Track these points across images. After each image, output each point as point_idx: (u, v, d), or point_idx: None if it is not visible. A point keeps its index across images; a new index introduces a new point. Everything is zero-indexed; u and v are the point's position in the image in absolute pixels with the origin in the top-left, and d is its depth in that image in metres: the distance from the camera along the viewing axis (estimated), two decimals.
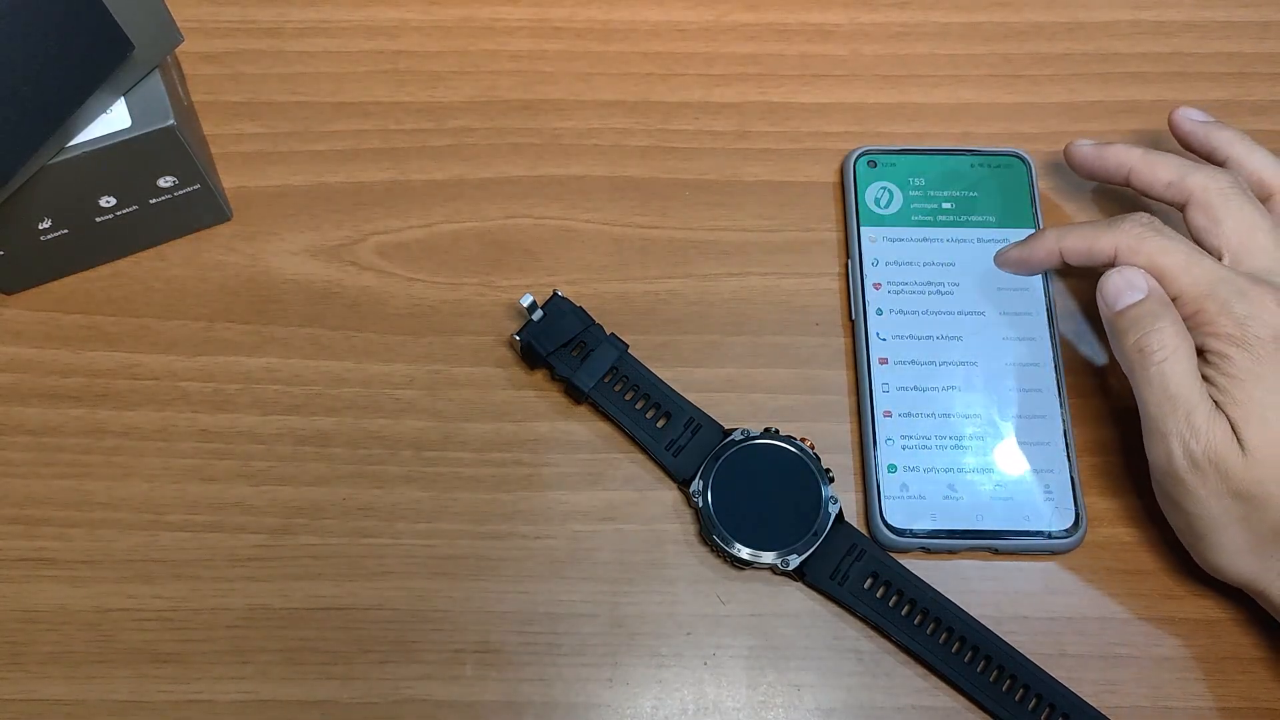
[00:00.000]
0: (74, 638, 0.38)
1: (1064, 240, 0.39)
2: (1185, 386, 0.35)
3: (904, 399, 0.41)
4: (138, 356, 0.42)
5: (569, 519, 0.40)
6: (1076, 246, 0.39)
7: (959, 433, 0.40)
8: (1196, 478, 0.35)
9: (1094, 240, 0.38)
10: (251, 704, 0.37)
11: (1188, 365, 0.35)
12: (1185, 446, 0.35)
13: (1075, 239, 0.39)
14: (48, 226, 0.40)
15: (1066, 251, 0.39)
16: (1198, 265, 0.36)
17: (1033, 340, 0.42)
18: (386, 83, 0.47)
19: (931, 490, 0.39)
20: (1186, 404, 0.35)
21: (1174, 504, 0.36)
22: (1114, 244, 0.37)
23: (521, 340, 0.41)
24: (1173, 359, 0.35)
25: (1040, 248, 0.40)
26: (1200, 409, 0.35)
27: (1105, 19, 0.50)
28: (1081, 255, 0.39)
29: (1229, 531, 0.35)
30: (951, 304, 0.42)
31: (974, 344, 0.42)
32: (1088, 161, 0.42)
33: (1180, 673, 0.38)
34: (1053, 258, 0.40)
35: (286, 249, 0.44)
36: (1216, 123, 0.41)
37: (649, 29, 0.49)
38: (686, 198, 0.45)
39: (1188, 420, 0.35)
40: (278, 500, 0.40)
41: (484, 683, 0.37)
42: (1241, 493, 0.34)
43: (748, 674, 0.38)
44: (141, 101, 0.38)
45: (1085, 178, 0.43)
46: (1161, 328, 0.36)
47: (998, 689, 0.37)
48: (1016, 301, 0.42)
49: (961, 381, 0.41)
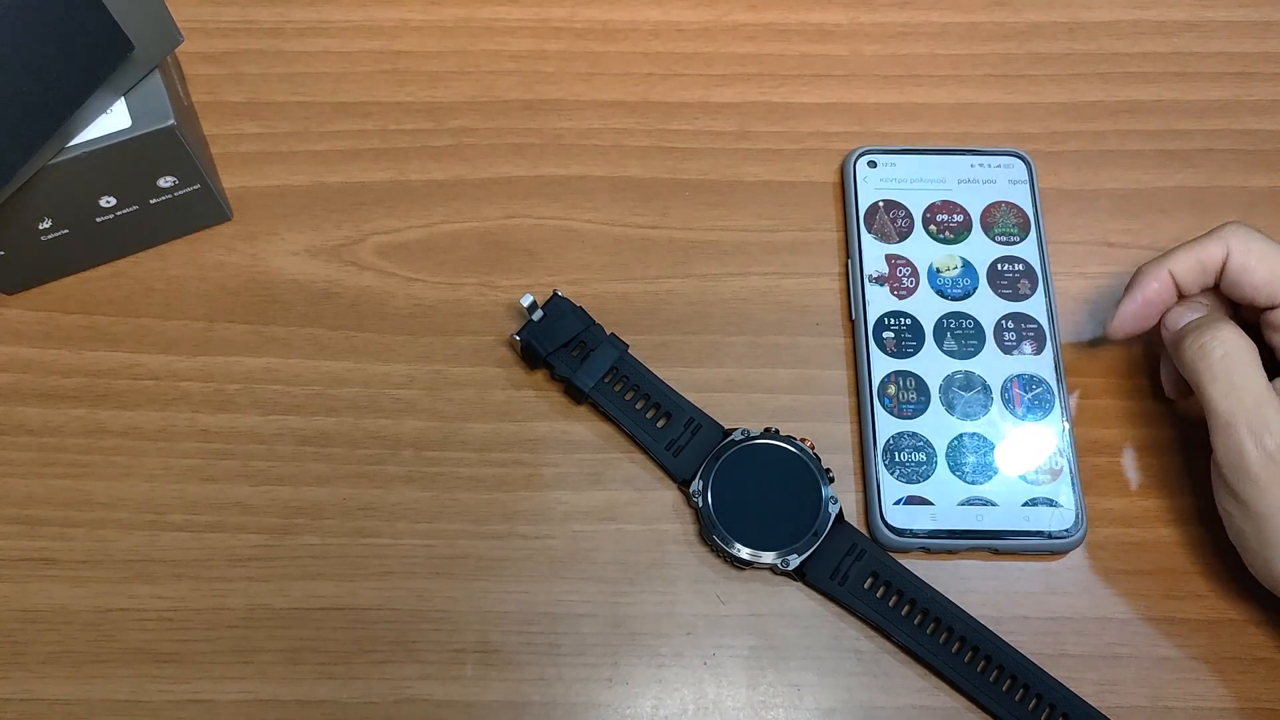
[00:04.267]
0: (74, 637, 0.38)
1: (1170, 261, 0.38)
2: (1251, 379, 0.35)
3: (904, 399, 0.41)
4: (138, 356, 0.42)
5: (569, 519, 0.40)
6: (1184, 263, 0.38)
7: (959, 433, 0.40)
8: (1273, 472, 0.34)
9: (1202, 250, 0.37)
10: (252, 704, 0.37)
11: (1252, 361, 0.35)
12: (1258, 439, 0.34)
13: (1181, 255, 0.38)
14: (48, 226, 0.40)
15: (1177, 271, 0.38)
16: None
17: (1034, 340, 0.42)
18: (386, 83, 0.47)
19: (932, 490, 0.39)
20: (1255, 396, 0.34)
21: (1243, 506, 0.35)
22: (1225, 246, 0.37)
23: (521, 340, 0.41)
24: (1235, 354, 0.35)
25: (1149, 282, 0.38)
26: (1272, 402, 0.34)
27: (1106, 19, 0.49)
28: (1193, 268, 0.38)
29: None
30: (952, 304, 0.42)
31: (975, 344, 0.42)
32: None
33: (1180, 673, 0.38)
34: (1166, 287, 0.38)
35: (286, 249, 0.44)
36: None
37: (649, 29, 0.49)
38: (687, 198, 0.45)
39: (1259, 412, 0.34)
40: (278, 500, 0.40)
41: (484, 683, 0.37)
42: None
43: (748, 674, 0.38)
44: (141, 101, 0.38)
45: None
46: (1219, 328, 0.36)
47: (998, 689, 0.37)
48: (1018, 302, 0.42)
49: (962, 381, 0.41)
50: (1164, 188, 0.46)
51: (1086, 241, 0.45)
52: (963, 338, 0.42)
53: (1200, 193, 0.46)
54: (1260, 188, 0.46)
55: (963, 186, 0.45)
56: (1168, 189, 0.46)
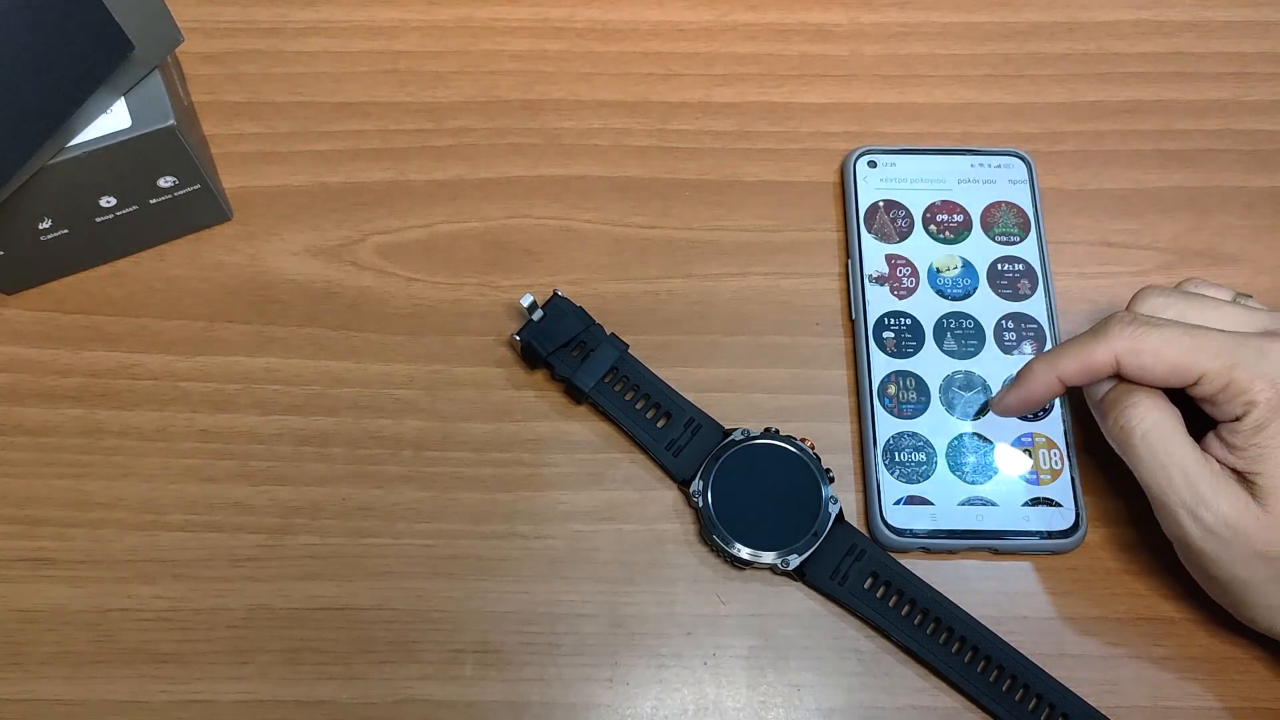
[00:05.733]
0: (74, 638, 0.38)
1: (1058, 367, 0.36)
2: (1178, 453, 0.34)
3: (904, 399, 0.41)
4: (137, 356, 0.42)
5: (569, 519, 0.40)
6: (1074, 369, 0.36)
7: (959, 433, 0.40)
8: (1216, 545, 0.34)
9: (1090, 357, 0.35)
10: (251, 704, 0.37)
11: (1175, 432, 0.34)
12: (1195, 515, 0.34)
13: (1069, 360, 0.36)
14: (48, 226, 0.40)
15: (1065, 376, 0.36)
16: (1206, 342, 0.34)
17: (1034, 340, 0.42)
18: (386, 83, 0.47)
19: (932, 490, 0.39)
20: (1184, 470, 0.34)
21: (1202, 573, 0.35)
22: (1111, 352, 0.35)
23: (522, 340, 0.41)
24: (1156, 428, 0.34)
25: (1037, 383, 0.37)
26: (1202, 474, 0.34)
27: (1106, 19, 0.50)
28: (1083, 375, 0.36)
29: (1262, 590, 0.34)
30: (952, 304, 0.42)
31: (975, 344, 0.42)
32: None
33: (1180, 673, 0.38)
34: (1053, 388, 0.37)
35: (287, 249, 0.44)
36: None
37: (649, 29, 0.49)
38: (687, 198, 0.45)
39: (1190, 487, 0.34)
40: (277, 500, 0.40)
41: (484, 683, 0.37)
42: (1267, 554, 0.33)
43: (748, 674, 0.38)
44: (141, 101, 0.38)
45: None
46: (1137, 400, 0.35)
47: (998, 689, 0.37)
48: (1018, 302, 0.42)
49: (962, 381, 0.41)
50: (1164, 188, 0.46)
51: (1086, 241, 0.45)
52: (963, 338, 0.42)
53: (1200, 193, 0.46)
54: (1260, 188, 0.46)
55: (963, 186, 0.45)
56: (1168, 189, 0.46)
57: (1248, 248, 0.45)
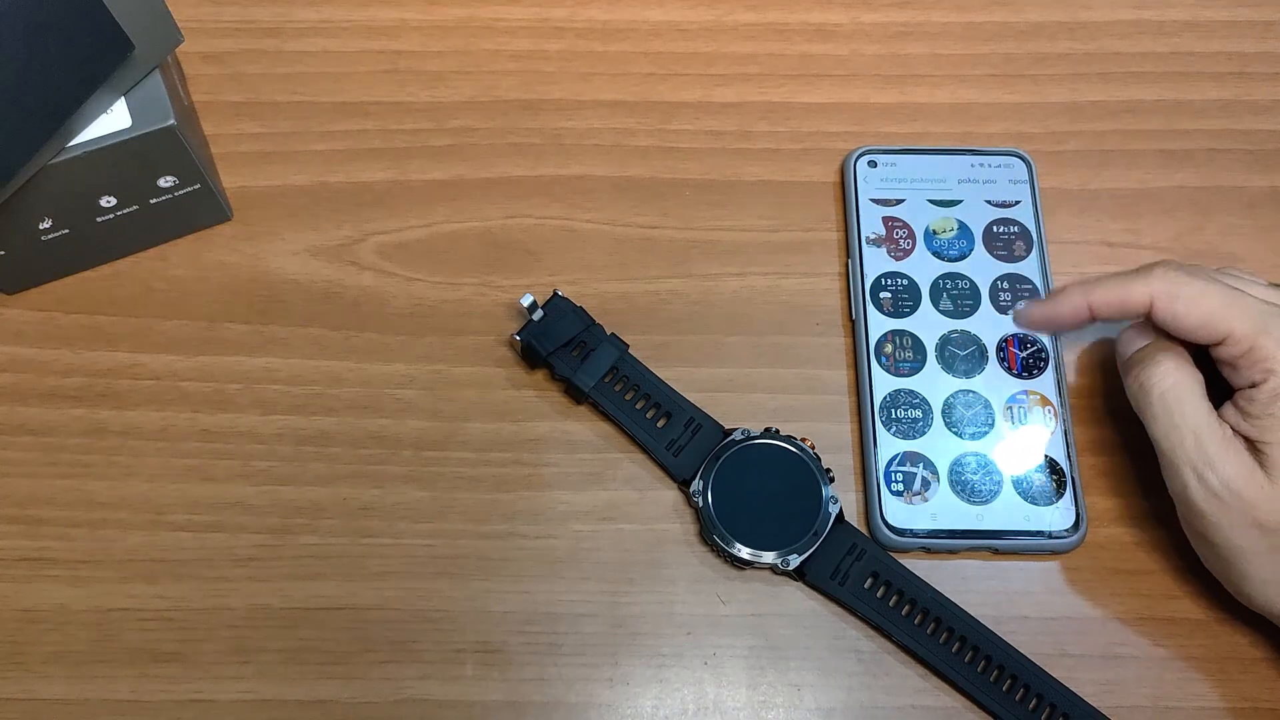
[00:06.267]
0: (75, 637, 0.38)
1: (1093, 294, 0.37)
2: (1192, 415, 0.34)
3: (904, 399, 0.41)
4: (138, 356, 0.42)
5: (569, 519, 0.40)
6: (1107, 300, 0.37)
7: (959, 433, 0.40)
8: (1217, 507, 0.34)
9: (1126, 291, 0.36)
10: (252, 704, 0.37)
11: (1193, 395, 0.35)
12: (1200, 476, 0.34)
13: (1105, 292, 0.37)
14: (48, 226, 0.40)
15: (1096, 306, 0.37)
16: (1240, 303, 0.34)
17: (1034, 340, 0.42)
18: (386, 83, 0.47)
19: (932, 490, 0.39)
20: (1195, 432, 0.34)
21: (1199, 536, 0.36)
22: (1148, 292, 0.35)
23: (522, 340, 0.41)
24: (1175, 389, 0.35)
25: (1066, 304, 0.38)
26: (1212, 437, 0.34)
27: (1106, 19, 0.49)
28: (1114, 308, 0.37)
29: (1257, 562, 0.34)
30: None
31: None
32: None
33: (1180, 673, 0.38)
34: (1080, 314, 0.38)
35: (287, 249, 0.44)
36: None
37: (649, 29, 0.49)
38: (687, 198, 0.45)
39: (1199, 448, 0.34)
40: (278, 500, 0.40)
41: (484, 683, 0.37)
42: (1267, 525, 0.33)
43: (748, 674, 0.38)
44: (141, 101, 0.38)
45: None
46: (1160, 360, 0.35)
47: (998, 689, 0.37)
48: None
49: (962, 381, 0.41)
50: (1164, 188, 0.46)
51: (1087, 241, 0.45)
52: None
53: (1200, 193, 0.46)
54: (1260, 188, 0.46)
55: (963, 186, 0.45)
56: (1168, 189, 0.46)
57: (1249, 247, 0.45)
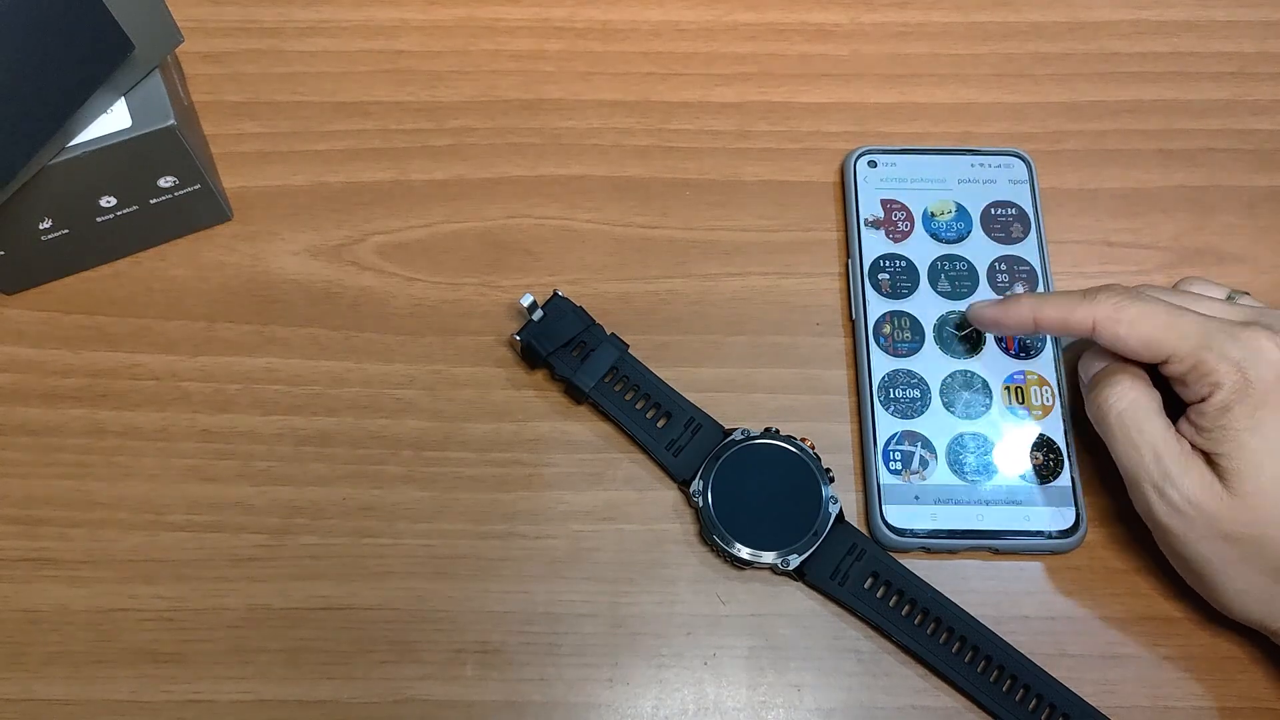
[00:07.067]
0: (75, 638, 0.38)
1: (1040, 310, 0.38)
2: (1150, 432, 0.35)
3: (903, 379, 0.41)
4: (138, 356, 0.42)
5: (569, 519, 0.40)
6: (1052, 318, 0.37)
7: (959, 433, 0.40)
8: (1182, 523, 0.35)
9: (1070, 312, 0.37)
10: (252, 704, 0.37)
11: (1150, 413, 0.35)
12: (1161, 492, 0.35)
13: (1052, 309, 0.37)
14: (48, 226, 0.40)
15: (1041, 321, 0.38)
16: (1181, 322, 0.35)
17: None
18: (386, 83, 0.47)
19: (931, 490, 0.39)
20: (1154, 449, 0.35)
21: (1171, 551, 0.36)
22: (1091, 316, 0.36)
23: (522, 340, 0.41)
24: (1131, 408, 0.35)
25: (1014, 314, 0.39)
26: (1170, 453, 0.35)
27: (1106, 18, 0.49)
28: (1058, 326, 0.37)
29: (1228, 572, 0.35)
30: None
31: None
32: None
33: (1180, 673, 0.38)
34: (1025, 326, 0.38)
35: (287, 249, 0.44)
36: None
37: (649, 29, 0.49)
38: (687, 198, 0.45)
39: (1158, 465, 0.35)
40: (278, 500, 0.40)
41: (484, 683, 0.37)
42: (1232, 535, 0.34)
43: (748, 674, 0.38)
44: (141, 101, 0.38)
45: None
46: (1117, 380, 0.36)
47: (998, 689, 0.37)
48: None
49: (962, 381, 0.41)
50: (1164, 187, 0.46)
51: (1087, 241, 0.45)
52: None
53: (1200, 193, 0.46)
54: (1260, 188, 0.46)
55: (963, 186, 0.45)
56: (1168, 189, 0.46)
57: (1249, 247, 0.45)
